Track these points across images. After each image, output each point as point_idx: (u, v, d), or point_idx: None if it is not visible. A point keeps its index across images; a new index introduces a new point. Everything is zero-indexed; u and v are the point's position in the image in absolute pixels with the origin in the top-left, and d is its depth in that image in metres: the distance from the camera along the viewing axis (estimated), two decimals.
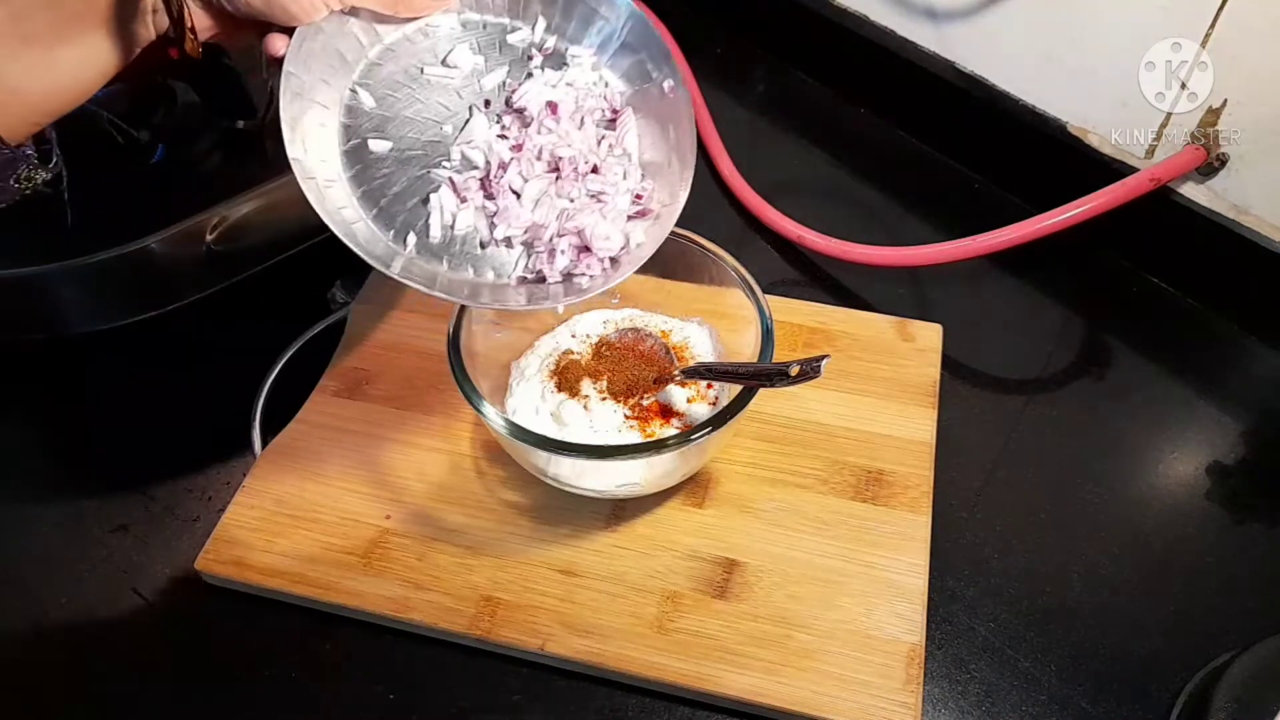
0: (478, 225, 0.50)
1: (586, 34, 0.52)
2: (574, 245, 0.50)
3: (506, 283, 0.50)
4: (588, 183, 0.51)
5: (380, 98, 0.49)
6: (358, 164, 0.48)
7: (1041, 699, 0.51)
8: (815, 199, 0.80)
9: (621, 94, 0.53)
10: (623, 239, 0.51)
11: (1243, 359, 0.68)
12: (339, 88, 0.48)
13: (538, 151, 0.50)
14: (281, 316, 0.67)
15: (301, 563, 0.54)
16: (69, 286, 0.60)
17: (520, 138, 0.50)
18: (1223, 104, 0.61)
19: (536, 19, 0.52)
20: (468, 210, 0.49)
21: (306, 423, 0.61)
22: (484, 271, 0.49)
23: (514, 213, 0.49)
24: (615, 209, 0.51)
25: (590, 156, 0.51)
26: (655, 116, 0.53)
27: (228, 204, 0.62)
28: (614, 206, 0.51)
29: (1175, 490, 0.60)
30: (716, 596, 0.53)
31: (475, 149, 0.50)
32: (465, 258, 0.49)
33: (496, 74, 0.51)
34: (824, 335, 0.65)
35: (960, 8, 0.74)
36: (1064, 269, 0.72)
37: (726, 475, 0.58)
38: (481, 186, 0.50)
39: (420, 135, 0.49)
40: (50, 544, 0.58)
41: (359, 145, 0.48)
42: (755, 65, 0.93)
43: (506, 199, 0.49)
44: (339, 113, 0.48)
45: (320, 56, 0.47)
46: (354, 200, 0.47)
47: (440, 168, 0.49)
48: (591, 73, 0.52)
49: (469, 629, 0.52)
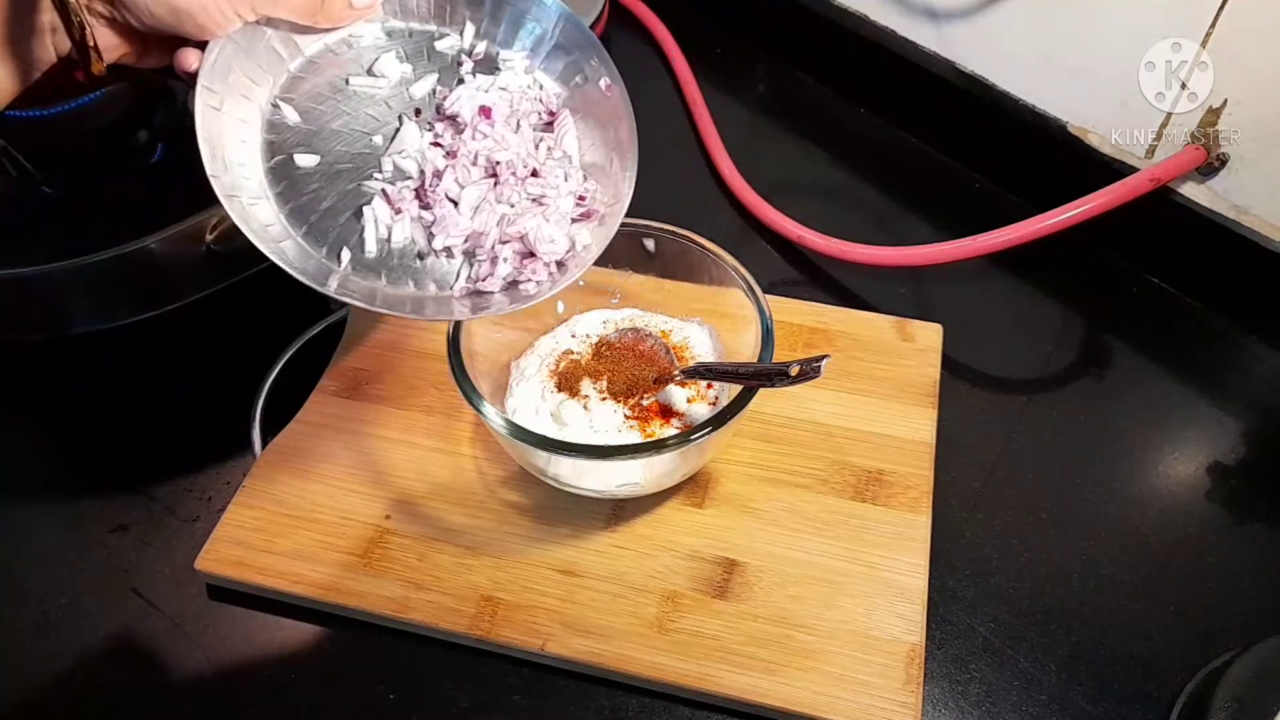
0: (415, 237, 0.48)
1: (517, 37, 0.51)
2: (517, 251, 0.48)
3: (450, 294, 0.48)
4: (528, 186, 0.49)
5: (304, 111, 0.47)
6: (284, 180, 0.46)
7: (1041, 699, 0.51)
8: (815, 199, 0.80)
9: (557, 95, 0.52)
10: (568, 242, 0.49)
11: (1243, 359, 0.68)
12: (259, 102, 0.46)
13: (473, 157, 0.49)
14: (281, 316, 0.67)
15: (301, 563, 0.54)
16: (69, 286, 0.60)
17: (454, 145, 0.49)
18: (1223, 104, 0.62)
19: (464, 24, 0.51)
20: (403, 222, 0.47)
21: (306, 423, 0.61)
22: (425, 284, 0.48)
23: (452, 221, 0.48)
24: (558, 212, 0.49)
25: (529, 160, 0.50)
26: (594, 117, 0.52)
27: None
28: (556, 209, 0.49)
29: (1175, 490, 0.60)
30: (716, 596, 0.53)
31: (408, 158, 0.48)
32: (405, 271, 0.47)
33: (426, 82, 0.50)
34: (824, 335, 0.65)
35: (960, 8, 0.74)
36: (1064, 269, 0.72)
37: (726, 475, 0.58)
38: (417, 196, 0.48)
39: (349, 148, 0.48)
40: (50, 544, 0.58)
41: (284, 161, 0.46)
42: (755, 65, 0.93)
43: (443, 208, 0.48)
44: (260, 128, 0.46)
45: (236, 71, 0.45)
46: (281, 218, 0.46)
47: (372, 180, 0.48)
48: (525, 76, 0.51)
49: (469, 629, 0.52)
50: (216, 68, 0.44)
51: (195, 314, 0.63)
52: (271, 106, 0.47)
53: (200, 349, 0.68)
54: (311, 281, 0.45)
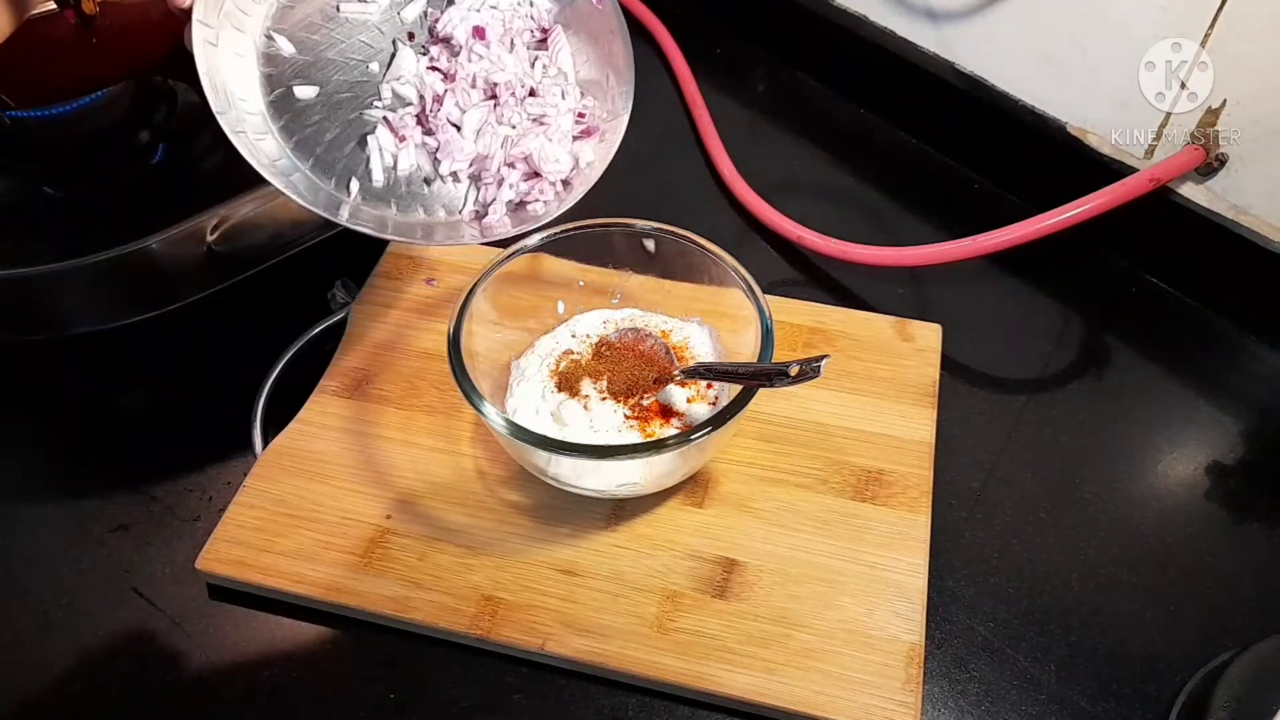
0: (420, 163, 0.48)
1: None
2: (522, 173, 0.49)
3: (459, 219, 0.48)
4: (527, 106, 0.49)
5: (299, 42, 0.47)
6: (286, 114, 0.46)
7: (1041, 699, 0.51)
8: (815, 199, 0.80)
9: (549, 12, 0.51)
10: (571, 160, 0.49)
11: (1243, 359, 0.68)
12: (252, 34, 0.46)
13: (471, 79, 0.49)
14: (281, 316, 0.67)
15: (302, 562, 0.54)
16: (69, 286, 0.60)
17: (451, 67, 0.49)
18: (1222, 104, 0.62)
19: None
20: (408, 149, 0.48)
21: (307, 423, 0.61)
22: (434, 210, 0.48)
23: (456, 145, 0.48)
24: (559, 130, 0.49)
25: (526, 80, 0.49)
26: (586, 33, 0.51)
27: (228, 204, 0.62)
28: (558, 128, 0.49)
29: (1175, 490, 0.60)
30: (716, 596, 0.53)
31: (406, 84, 0.48)
32: (413, 198, 0.48)
33: (416, 4, 0.50)
34: (824, 335, 0.65)
35: (960, 8, 0.74)
36: (1064, 269, 0.72)
37: (726, 475, 0.58)
38: (419, 122, 0.48)
39: (346, 77, 0.48)
40: (50, 544, 0.58)
41: (284, 94, 0.46)
42: (755, 65, 0.93)
43: (447, 133, 0.48)
44: (258, 62, 0.46)
45: (228, 2, 0.45)
46: (288, 151, 0.46)
47: (372, 108, 0.48)
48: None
49: (469, 629, 0.52)
50: (210, 1, 0.44)
51: (195, 314, 0.63)
52: (265, 38, 0.47)
53: (200, 349, 0.68)
54: (324, 212, 0.45)
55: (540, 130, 0.49)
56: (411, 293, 0.68)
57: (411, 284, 0.68)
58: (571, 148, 0.50)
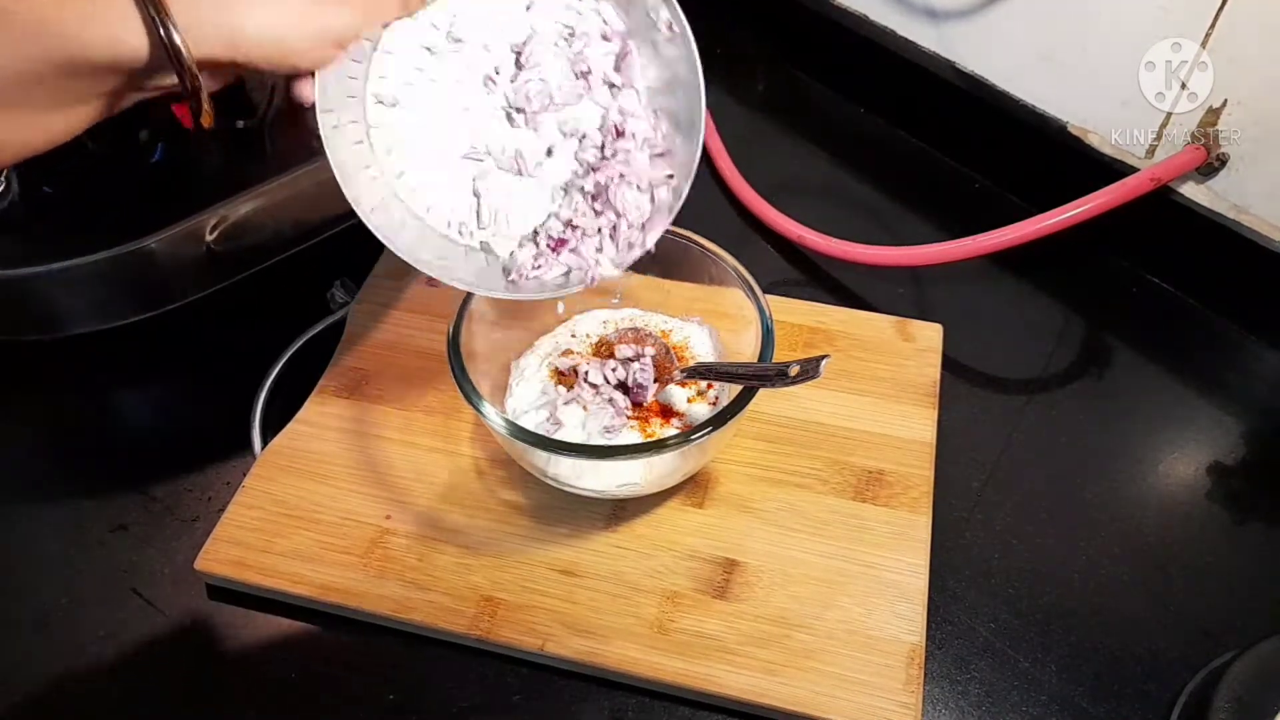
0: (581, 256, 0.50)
1: None
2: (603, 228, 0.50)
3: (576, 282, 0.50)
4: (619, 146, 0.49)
5: (399, 99, 0.48)
6: None
7: (1041, 699, 0.51)
8: (815, 199, 0.80)
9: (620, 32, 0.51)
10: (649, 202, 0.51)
11: (1243, 359, 0.68)
12: (360, 96, 0.47)
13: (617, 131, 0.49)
14: (281, 316, 0.67)
15: (301, 563, 0.54)
16: (69, 286, 0.60)
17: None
18: (1223, 104, 0.61)
19: None
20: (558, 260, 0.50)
21: (306, 423, 0.61)
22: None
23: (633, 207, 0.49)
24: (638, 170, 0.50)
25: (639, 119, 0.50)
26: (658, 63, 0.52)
27: (228, 204, 0.62)
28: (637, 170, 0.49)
29: (1175, 490, 0.60)
30: (716, 596, 0.53)
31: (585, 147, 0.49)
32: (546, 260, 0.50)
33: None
34: (824, 335, 0.65)
35: (960, 8, 0.74)
36: (1064, 269, 0.72)
37: (726, 475, 0.58)
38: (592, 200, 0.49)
39: (451, 128, 0.49)
40: (50, 544, 0.58)
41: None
42: (755, 65, 0.93)
43: (623, 198, 0.49)
44: (365, 124, 0.47)
45: (338, 84, 0.45)
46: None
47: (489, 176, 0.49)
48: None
49: (469, 629, 0.52)
50: (330, 93, 0.45)
51: (195, 314, 0.63)
52: (373, 98, 0.47)
53: (200, 349, 0.68)
54: (487, 290, 0.48)
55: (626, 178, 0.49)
56: (411, 293, 0.68)
57: (411, 284, 0.68)
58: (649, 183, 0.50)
